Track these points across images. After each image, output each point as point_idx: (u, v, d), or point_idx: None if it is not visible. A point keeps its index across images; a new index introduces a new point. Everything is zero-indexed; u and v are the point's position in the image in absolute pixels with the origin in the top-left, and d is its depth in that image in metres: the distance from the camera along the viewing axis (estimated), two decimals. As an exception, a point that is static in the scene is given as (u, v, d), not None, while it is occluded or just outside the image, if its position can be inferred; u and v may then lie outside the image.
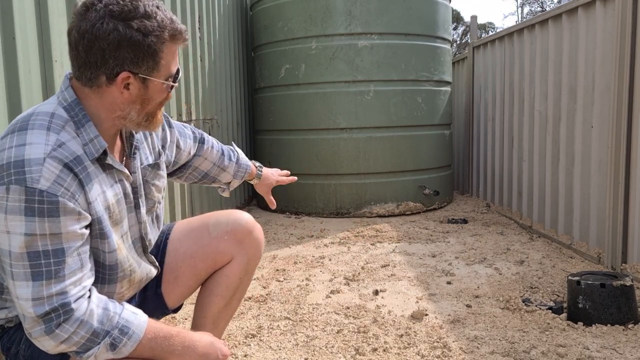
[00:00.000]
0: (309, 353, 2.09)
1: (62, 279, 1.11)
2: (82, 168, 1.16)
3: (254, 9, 5.37)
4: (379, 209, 4.81)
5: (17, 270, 1.09)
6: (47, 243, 1.09)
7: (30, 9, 1.91)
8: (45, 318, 1.10)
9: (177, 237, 1.64)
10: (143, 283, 1.47)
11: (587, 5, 3.34)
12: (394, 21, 4.76)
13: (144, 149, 1.45)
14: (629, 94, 2.88)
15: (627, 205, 2.94)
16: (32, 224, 1.07)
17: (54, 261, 1.10)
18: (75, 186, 1.13)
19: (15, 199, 1.07)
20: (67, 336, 1.11)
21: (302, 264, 3.32)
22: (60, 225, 1.10)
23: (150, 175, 1.45)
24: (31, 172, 1.08)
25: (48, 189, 1.08)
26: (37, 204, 1.07)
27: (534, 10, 29.19)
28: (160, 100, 1.27)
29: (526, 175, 4.29)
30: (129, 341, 1.17)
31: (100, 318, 1.15)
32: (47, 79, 2.00)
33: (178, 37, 1.23)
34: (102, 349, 1.14)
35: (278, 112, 5.10)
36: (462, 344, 2.15)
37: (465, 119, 5.94)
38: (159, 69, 1.22)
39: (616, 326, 2.28)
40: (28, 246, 1.08)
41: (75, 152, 1.16)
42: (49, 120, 1.17)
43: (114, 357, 1.16)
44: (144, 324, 1.21)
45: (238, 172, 1.83)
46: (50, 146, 1.12)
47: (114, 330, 1.16)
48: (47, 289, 1.09)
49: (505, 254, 3.46)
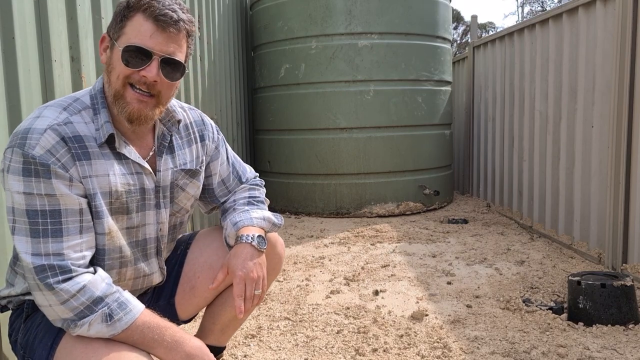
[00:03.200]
0: (308, 353, 2.09)
1: (59, 240, 1.18)
2: (79, 146, 1.23)
3: (254, 9, 5.37)
4: (379, 209, 4.80)
5: (19, 226, 1.17)
6: (44, 203, 1.17)
7: (30, 9, 1.91)
8: (41, 273, 1.15)
9: (198, 246, 1.62)
10: (140, 284, 1.45)
11: (587, 5, 3.34)
12: (394, 21, 4.76)
13: (184, 154, 1.46)
14: (630, 94, 2.88)
15: (627, 205, 2.94)
16: (29, 184, 1.17)
17: (50, 221, 1.18)
18: (67, 159, 1.21)
19: (16, 160, 1.17)
20: (67, 297, 1.16)
21: (302, 264, 3.32)
22: (54, 187, 1.18)
23: (183, 180, 1.46)
24: (31, 139, 1.18)
25: (40, 156, 1.17)
26: (33, 165, 1.17)
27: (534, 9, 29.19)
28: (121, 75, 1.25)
29: (526, 175, 4.28)
30: (125, 317, 1.19)
31: (103, 290, 1.20)
32: (46, 79, 2.00)
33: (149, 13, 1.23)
34: (97, 318, 1.17)
35: (278, 111, 5.09)
36: (463, 344, 2.15)
37: (465, 119, 5.94)
38: (120, 35, 1.26)
39: (617, 326, 2.28)
40: (27, 204, 1.17)
41: (79, 132, 1.24)
42: (70, 102, 1.28)
43: (106, 331, 1.18)
44: (141, 307, 1.24)
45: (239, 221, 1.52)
46: (56, 121, 1.22)
47: (113, 303, 1.19)
48: (45, 247, 1.17)
49: (505, 254, 3.45)
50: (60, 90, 2.07)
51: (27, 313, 1.30)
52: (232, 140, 4.93)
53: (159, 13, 1.23)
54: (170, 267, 1.58)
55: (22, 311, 1.32)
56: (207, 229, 1.70)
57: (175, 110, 1.45)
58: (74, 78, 2.18)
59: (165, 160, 1.41)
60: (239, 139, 5.20)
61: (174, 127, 1.45)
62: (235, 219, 1.51)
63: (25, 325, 1.29)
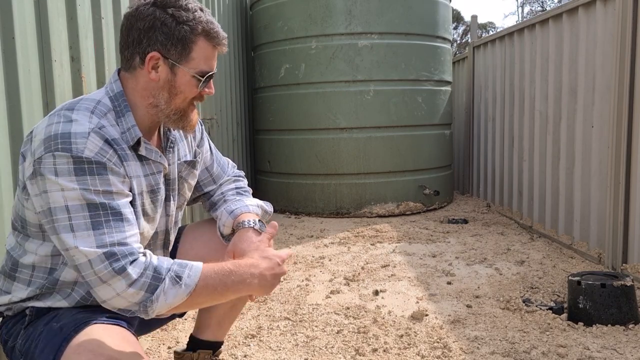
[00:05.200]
0: (308, 353, 2.09)
1: (122, 231, 1.18)
2: (120, 148, 1.25)
3: (254, 9, 5.37)
4: (379, 209, 4.80)
5: (78, 222, 1.15)
6: (102, 198, 1.17)
7: (30, 9, 1.91)
8: (111, 258, 1.14)
9: (187, 240, 1.65)
10: None
11: (587, 5, 3.33)
12: (394, 21, 4.76)
13: (183, 146, 1.51)
14: (630, 94, 2.88)
15: (627, 205, 2.94)
16: (85, 181, 1.15)
17: (111, 212, 1.17)
18: (116, 159, 1.22)
19: (64, 162, 1.15)
20: (135, 277, 1.15)
21: (302, 264, 3.32)
22: (110, 183, 1.19)
23: (186, 172, 1.51)
24: (77, 144, 1.16)
25: (94, 155, 1.17)
26: (87, 164, 1.16)
27: (534, 9, 29.18)
28: (189, 97, 1.32)
29: (526, 175, 4.28)
30: (191, 271, 1.20)
31: (160, 261, 1.20)
32: (46, 79, 2.00)
33: (213, 37, 1.30)
34: (168, 284, 1.17)
35: (278, 111, 5.09)
36: (463, 344, 2.15)
37: (465, 119, 5.94)
38: (187, 60, 1.29)
39: (617, 326, 2.28)
40: (86, 198, 1.15)
41: (113, 135, 1.25)
42: (94, 105, 1.26)
43: (183, 290, 1.18)
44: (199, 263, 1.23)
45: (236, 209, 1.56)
46: (93, 124, 1.21)
47: (174, 265, 1.20)
48: (110, 237, 1.16)
49: (505, 254, 3.45)
50: (60, 90, 2.07)
51: (29, 319, 1.28)
52: (232, 140, 4.93)
53: (222, 39, 1.31)
54: None
55: (23, 317, 1.30)
56: (194, 224, 1.73)
57: None
58: (74, 78, 2.18)
59: (173, 154, 1.45)
60: (239, 139, 5.20)
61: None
62: (230, 208, 1.55)
63: (26, 331, 1.27)
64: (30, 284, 1.29)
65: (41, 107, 1.97)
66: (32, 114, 1.90)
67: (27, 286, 1.29)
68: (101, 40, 2.38)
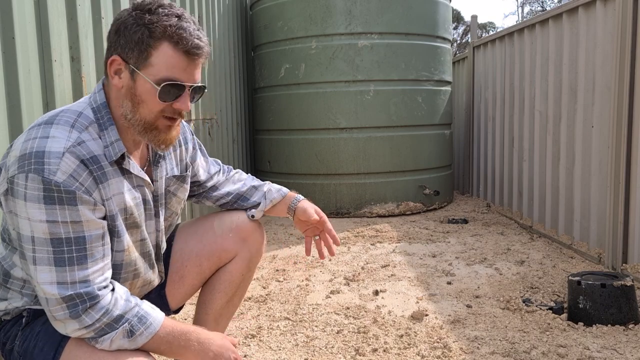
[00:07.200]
0: (308, 353, 2.09)
1: (85, 267, 1.15)
2: (97, 167, 1.20)
3: (254, 9, 5.37)
4: (379, 209, 4.80)
5: (41, 255, 1.13)
6: (69, 230, 1.13)
7: (30, 9, 1.91)
8: (69, 302, 1.13)
9: (182, 237, 1.66)
10: (144, 291, 1.48)
11: (587, 5, 3.33)
12: (394, 21, 4.76)
13: (171, 160, 1.48)
14: (630, 94, 2.88)
15: (627, 205, 2.94)
16: (53, 212, 1.12)
17: (76, 248, 1.14)
18: (89, 182, 1.17)
19: (34, 187, 1.11)
20: (91, 322, 1.15)
21: (302, 264, 3.32)
22: (80, 214, 1.15)
23: (174, 186, 1.49)
24: (49, 164, 1.12)
25: (64, 182, 1.12)
26: (56, 193, 1.12)
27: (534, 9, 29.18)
28: (154, 109, 1.23)
29: (526, 175, 4.28)
30: (146, 331, 1.19)
31: (123, 307, 1.19)
32: (46, 79, 2.00)
33: (177, 42, 1.19)
34: (118, 334, 1.17)
35: (278, 111, 5.09)
36: (463, 344, 2.15)
37: (465, 119, 5.94)
38: (145, 65, 1.21)
39: (617, 326, 2.27)
40: (51, 232, 1.12)
41: (93, 151, 1.20)
42: (75, 118, 1.22)
43: (128, 345, 1.18)
44: (161, 318, 1.24)
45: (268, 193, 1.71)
46: (70, 142, 1.16)
47: (134, 319, 1.19)
48: (71, 275, 1.13)
49: (505, 254, 3.45)
50: (61, 90, 2.07)
51: (27, 321, 1.29)
52: (232, 140, 4.93)
53: (192, 46, 1.20)
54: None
55: (20, 318, 1.30)
56: (187, 222, 1.74)
57: None
58: (74, 78, 2.18)
59: (160, 168, 1.42)
60: (239, 139, 5.20)
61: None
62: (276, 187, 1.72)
63: (23, 333, 1.28)
64: (24, 295, 1.28)
65: (41, 107, 1.97)
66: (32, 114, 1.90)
67: (21, 297, 1.29)
68: (101, 40, 2.38)
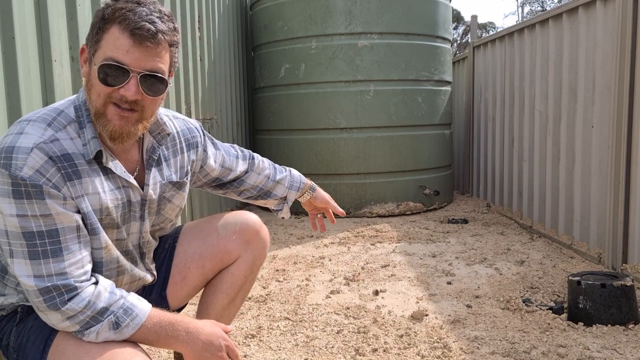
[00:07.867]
0: (308, 353, 2.09)
1: (60, 260, 1.15)
2: (68, 165, 1.19)
3: (254, 9, 5.37)
4: (379, 209, 4.80)
5: (16, 249, 1.14)
6: (40, 224, 1.13)
7: (30, 9, 1.91)
8: (46, 295, 1.14)
9: (185, 238, 1.65)
10: (135, 286, 1.47)
11: (587, 5, 3.33)
12: (394, 21, 4.76)
13: (170, 166, 1.45)
14: (630, 94, 2.88)
15: (627, 205, 2.94)
16: (22, 206, 1.12)
17: (49, 241, 1.14)
18: (57, 178, 1.16)
19: (3, 182, 1.12)
20: (73, 314, 1.15)
21: (302, 264, 3.32)
22: (49, 207, 1.14)
23: (170, 192, 1.46)
24: (17, 160, 1.12)
25: (30, 177, 1.12)
26: (23, 187, 1.12)
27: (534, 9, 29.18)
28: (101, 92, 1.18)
29: (526, 175, 4.28)
30: (132, 322, 1.19)
31: (107, 300, 1.18)
32: (46, 79, 2.00)
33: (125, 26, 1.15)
34: (104, 327, 1.17)
35: (278, 111, 5.09)
36: (463, 344, 2.15)
37: (465, 119, 5.94)
38: (96, 48, 1.18)
39: (617, 326, 2.27)
40: (22, 226, 1.12)
41: (67, 149, 1.19)
42: (54, 117, 1.21)
43: (115, 337, 1.18)
44: (147, 309, 1.23)
45: (293, 184, 1.84)
46: (42, 139, 1.16)
47: (119, 310, 1.18)
48: (46, 268, 1.14)
49: (505, 254, 3.45)
50: (60, 90, 2.07)
51: (20, 317, 1.30)
52: (232, 140, 4.93)
53: (135, 26, 1.14)
54: (160, 262, 1.60)
55: (14, 314, 1.31)
56: (191, 223, 1.73)
57: (166, 123, 1.42)
58: (74, 78, 2.18)
59: (154, 173, 1.39)
60: (239, 139, 5.20)
61: (164, 140, 1.42)
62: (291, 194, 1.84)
63: (17, 328, 1.29)
64: (19, 292, 1.29)
65: (41, 107, 1.97)
66: (32, 114, 1.90)
67: (16, 293, 1.30)
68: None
